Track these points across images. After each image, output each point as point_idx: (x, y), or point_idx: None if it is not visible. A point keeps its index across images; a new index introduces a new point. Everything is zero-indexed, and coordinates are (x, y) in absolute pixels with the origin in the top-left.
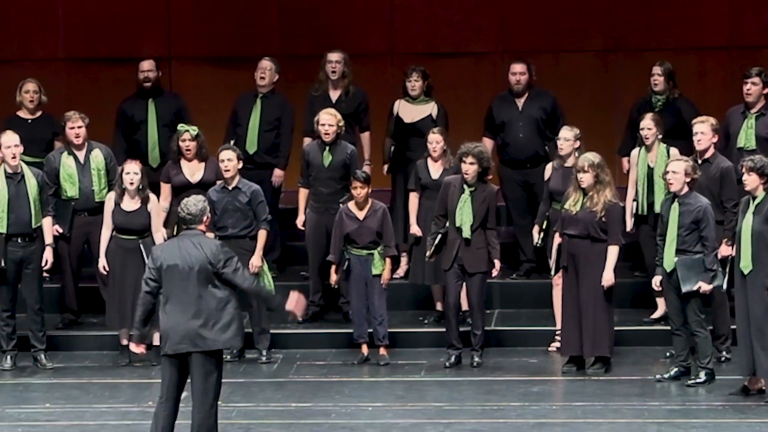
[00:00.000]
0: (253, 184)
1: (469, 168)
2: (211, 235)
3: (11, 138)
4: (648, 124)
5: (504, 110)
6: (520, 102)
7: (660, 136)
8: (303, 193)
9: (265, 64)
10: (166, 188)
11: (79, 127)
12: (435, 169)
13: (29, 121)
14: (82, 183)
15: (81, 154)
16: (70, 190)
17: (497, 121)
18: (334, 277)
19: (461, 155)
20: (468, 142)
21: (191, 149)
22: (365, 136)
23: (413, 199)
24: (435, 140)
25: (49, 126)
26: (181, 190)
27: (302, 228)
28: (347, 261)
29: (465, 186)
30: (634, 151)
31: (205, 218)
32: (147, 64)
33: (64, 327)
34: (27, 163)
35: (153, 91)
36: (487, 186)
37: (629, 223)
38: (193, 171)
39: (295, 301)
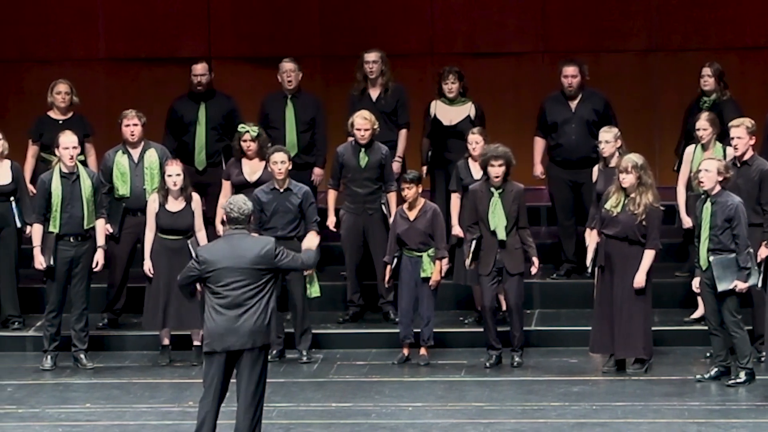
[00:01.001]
0: (304, 186)
1: (498, 170)
2: (255, 235)
3: (70, 139)
4: (703, 125)
5: (557, 111)
6: (573, 103)
7: (716, 136)
8: (332, 195)
9: (289, 65)
10: (227, 185)
11: (135, 125)
12: (476, 170)
13: (60, 122)
14: (134, 182)
15: (135, 153)
16: (122, 188)
17: (549, 121)
18: (387, 278)
19: (487, 159)
20: (491, 145)
21: (252, 149)
22: (402, 133)
23: (455, 199)
24: (475, 140)
25: (81, 127)
26: (240, 189)
27: (333, 229)
28: (398, 261)
29: (492, 189)
30: (689, 149)
31: (252, 218)
32: (200, 68)
33: (104, 327)
34: None
35: (205, 94)
36: (513, 185)
37: (685, 221)
38: (253, 170)
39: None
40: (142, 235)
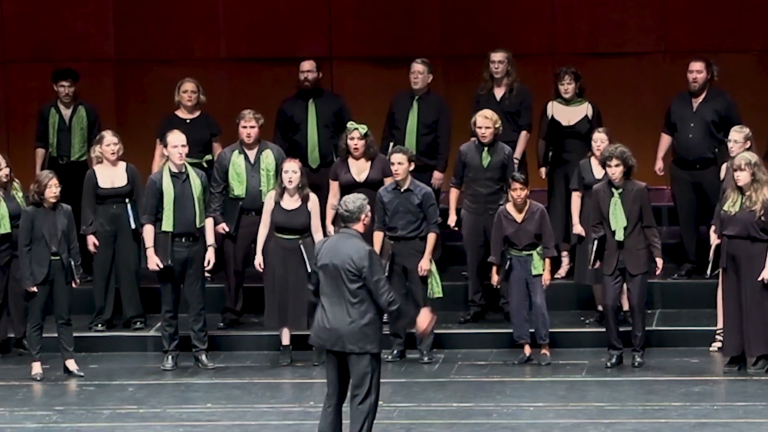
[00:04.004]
0: (425, 186)
1: (615, 170)
2: (379, 236)
3: (178, 138)
4: None
5: (680, 109)
6: (696, 102)
7: None
8: (454, 193)
9: (418, 67)
10: (334, 186)
11: (252, 126)
12: (598, 169)
13: (187, 121)
14: (250, 182)
15: (252, 154)
16: (238, 188)
17: (673, 118)
18: (495, 278)
19: (605, 159)
20: (610, 145)
21: (359, 148)
22: (523, 135)
23: (575, 198)
24: (600, 140)
25: (208, 126)
26: (348, 188)
27: (454, 228)
28: (509, 261)
29: (612, 189)
30: None
31: (362, 216)
32: (308, 65)
33: (225, 327)
34: None
35: (313, 92)
36: (635, 184)
37: None
38: (360, 169)
39: (425, 319)
40: (257, 234)
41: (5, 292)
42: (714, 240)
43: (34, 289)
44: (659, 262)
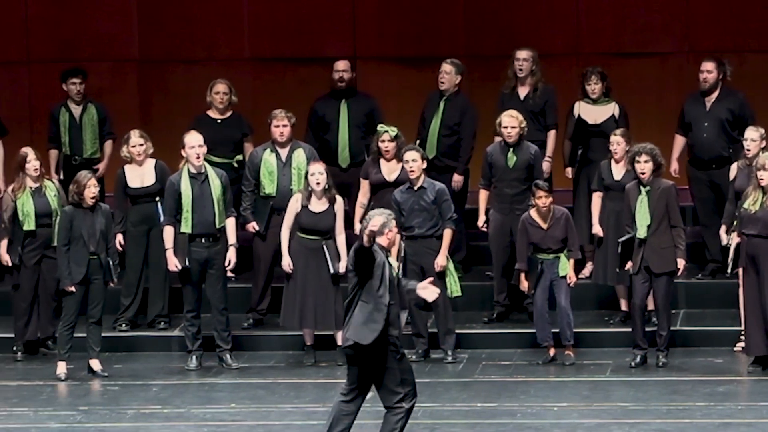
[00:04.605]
0: (438, 183)
1: (645, 166)
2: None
3: (195, 138)
4: None
5: (693, 109)
6: (709, 101)
7: None
8: (483, 195)
9: (446, 67)
10: (365, 184)
11: (284, 125)
12: (618, 170)
13: (219, 121)
14: (281, 181)
15: (283, 153)
16: (269, 187)
17: (686, 119)
18: (525, 284)
19: (634, 155)
20: (638, 143)
21: (390, 150)
22: (551, 134)
23: (596, 199)
24: (617, 142)
25: (239, 126)
26: (378, 188)
27: (483, 229)
28: (539, 266)
29: (640, 186)
30: None
31: (386, 231)
32: (342, 64)
33: (250, 327)
34: (215, 163)
35: (346, 92)
36: (662, 182)
37: None
38: (391, 170)
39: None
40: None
41: (35, 291)
42: (724, 239)
43: (73, 288)
44: (681, 263)
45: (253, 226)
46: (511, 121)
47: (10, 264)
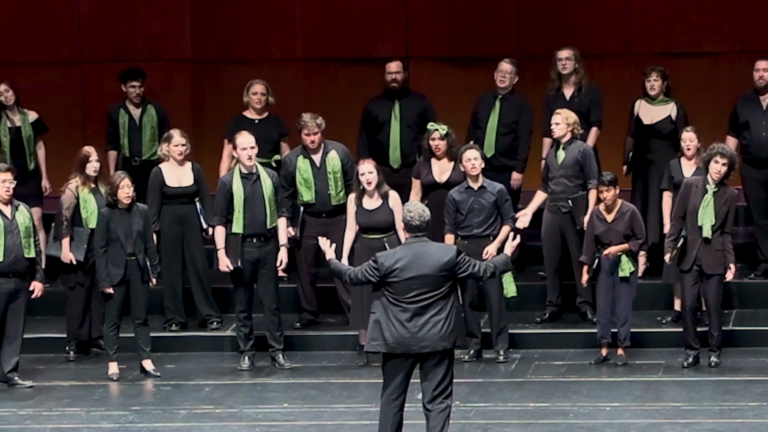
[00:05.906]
0: (498, 184)
1: (722, 168)
2: (450, 238)
3: (247, 139)
4: None
5: (747, 109)
6: (764, 100)
7: None
8: (540, 196)
9: (506, 67)
10: (416, 184)
11: (315, 133)
12: (688, 168)
13: (256, 121)
14: (318, 187)
15: (317, 158)
16: (306, 194)
17: (741, 119)
18: (585, 278)
19: (714, 155)
20: (716, 142)
21: (441, 147)
22: (593, 131)
23: (666, 198)
24: (689, 138)
25: (277, 127)
26: (429, 189)
27: (521, 227)
28: (597, 260)
29: (708, 186)
30: None
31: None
32: (395, 66)
33: (302, 327)
34: None
35: (399, 92)
36: (727, 188)
37: None
38: (442, 170)
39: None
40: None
41: (89, 292)
42: None
43: (110, 290)
44: (732, 268)
45: (290, 231)
46: (556, 118)
47: (74, 262)
